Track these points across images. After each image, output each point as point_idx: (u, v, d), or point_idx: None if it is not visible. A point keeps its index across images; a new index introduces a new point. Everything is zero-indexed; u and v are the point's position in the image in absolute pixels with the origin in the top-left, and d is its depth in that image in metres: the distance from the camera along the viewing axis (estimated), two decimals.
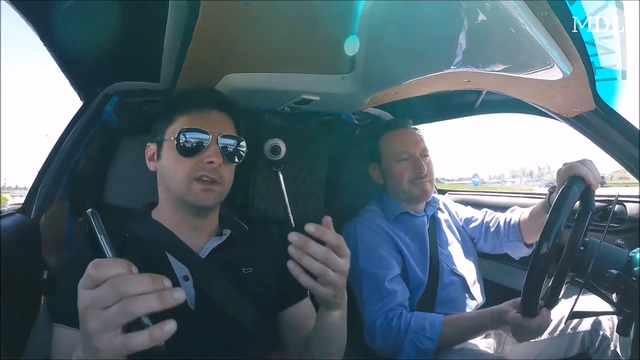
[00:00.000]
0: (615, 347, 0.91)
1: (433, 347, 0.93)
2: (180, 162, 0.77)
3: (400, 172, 1.15)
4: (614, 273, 0.67)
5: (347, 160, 1.45)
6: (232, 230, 0.86)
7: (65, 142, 1.07)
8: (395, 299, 1.01)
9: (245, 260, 0.83)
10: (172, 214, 0.81)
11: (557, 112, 1.01)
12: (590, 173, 0.79)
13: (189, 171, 0.77)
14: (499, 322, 0.87)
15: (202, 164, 0.77)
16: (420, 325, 0.95)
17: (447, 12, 0.66)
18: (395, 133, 1.21)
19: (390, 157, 1.18)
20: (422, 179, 1.13)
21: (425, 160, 1.16)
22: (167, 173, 0.79)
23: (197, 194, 0.77)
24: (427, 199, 1.18)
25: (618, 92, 0.83)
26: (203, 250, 0.80)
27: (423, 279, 1.07)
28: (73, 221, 1.06)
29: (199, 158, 0.77)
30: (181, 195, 0.78)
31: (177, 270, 0.76)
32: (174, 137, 0.77)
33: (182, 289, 0.44)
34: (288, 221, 1.31)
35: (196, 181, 0.77)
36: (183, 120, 0.80)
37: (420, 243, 1.13)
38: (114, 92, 1.10)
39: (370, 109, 1.46)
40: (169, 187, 0.80)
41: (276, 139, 1.27)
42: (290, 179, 1.33)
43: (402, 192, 1.16)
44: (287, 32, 0.79)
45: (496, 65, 0.81)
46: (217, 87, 1.03)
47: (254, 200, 1.29)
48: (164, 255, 0.76)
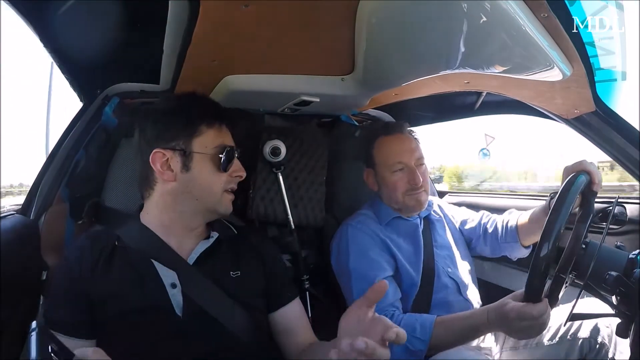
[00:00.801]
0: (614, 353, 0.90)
1: (424, 348, 0.90)
2: (217, 177, 0.81)
3: (395, 183, 1.11)
4: (613, 275, 0.67)
5: (346, 161, 1.45)
6: (219, 233, 0.86)
7: (65, 143, 1.07)
8: (386, 299, 0.98)
9: (233, 264, 0.84)
10: (183, 220, 0.81)
11: (557, 114, 1.01)
12: (597, 171, 0.81)
13: (224, 184, 0.82)
14: (495, 318, 0.83)
15: (231, 177, 0.84)
16: (410, 325, 0.92)
17: (447, 13, 0.66)
18: (390, 139, 1.15)
19: (385, 167, 1.14)
20: (417, 190, 1.10)
21: (421, 170, 1.11)
22: (201, 185, 0.80)
23: (227, 205, 0.84)
24: (421, 209, 1.14)
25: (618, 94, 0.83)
26: (192, 255, 0.80)
27: (416, 280, 1.05)
28: (73, 222, 1.06)
29: (230, 172, 0.83)
30: (213, 206, 0.82)
31: (165, 278, 0.76)
32: (211, 152, 0.80)
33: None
34: (287, 222, 1.30)
35: (226, 193, 0.83)
36: (212, 133, 0.82)
37: (414, 244, 1.11)
38: (113, 93, 1.11)
39: (370, 110, 1.46)
40: (198, 198, 0.81)
41: (276, 140, 1.26)
42: (290, 181, 1.33)
43: (396, 203, 1.13)
44: (287, 34, 0.79)
45: (496, 66, 0.81)
46: (216, 88, 1.03)
47: (254, 201, 1.28)
48: (150, 263, 0.77)
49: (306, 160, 1.35)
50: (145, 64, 0.97)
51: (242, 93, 1.04)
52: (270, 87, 1.03)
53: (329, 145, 1.41)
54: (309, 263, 1.37)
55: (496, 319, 0.83)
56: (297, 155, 1.34)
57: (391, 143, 1.15)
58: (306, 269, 1.33)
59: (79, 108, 1.12)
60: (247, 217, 1.29)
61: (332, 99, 1.10)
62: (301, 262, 1.32)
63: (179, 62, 0.88)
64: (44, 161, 1.08)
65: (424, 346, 0.90)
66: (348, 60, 0.93)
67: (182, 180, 0.80)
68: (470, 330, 0.89)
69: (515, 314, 0.77)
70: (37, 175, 1.06)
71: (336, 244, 1.13)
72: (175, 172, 0.80)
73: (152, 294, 0.74)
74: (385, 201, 1.17)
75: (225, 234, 0.87)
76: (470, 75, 0.93)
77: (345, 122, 1.48)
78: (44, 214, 1.01)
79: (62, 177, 1.06)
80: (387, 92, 1.13)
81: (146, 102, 1.15)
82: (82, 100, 1.12)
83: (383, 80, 1.02)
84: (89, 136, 1.09)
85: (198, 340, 0.73)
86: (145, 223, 0.82)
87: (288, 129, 1.38)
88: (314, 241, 1.40)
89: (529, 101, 1.02)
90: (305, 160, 1.35)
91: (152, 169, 0.80)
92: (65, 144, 1.07)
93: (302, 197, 1.33)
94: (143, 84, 1.10)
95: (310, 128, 1.43)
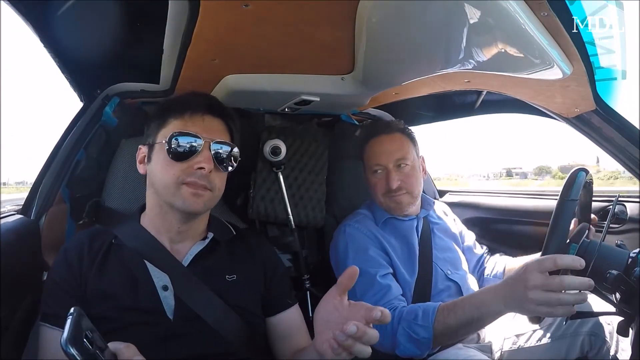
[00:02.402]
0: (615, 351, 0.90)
1: (428, 336, 0.85)
2: (171, 166, 0.76)
3: (374, 185, 1.12)
4: (614, 274, 0.67)
5: (347, 160, 1.45)
6: (215, 234, 0.84)
7: (66, 143, 1.07)
8: (391, 293, 0.98)
9: (229, 266, 0.82)
10: (160, 218, 0.80)
11: (557, 112, 1.01)
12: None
13: (179, 175, 0.75)
14: (506, 289, 0.76)
15: (192, 169, 0.75)
16: (412, 313, 0.89)
17: (447, 12, 0.66)
18: (374, 141, 1.15)
19: (367, 168, 1.15)
20: (395, 193, 1.09)
21: (404, 171, 1.10)
22: (156, 176, 0.78)
23: (186, 199, 0.75)
24: (402, 212, 1.13)
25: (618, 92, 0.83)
26: (187, 257, 0.80)
27: (410, 281, 1.05)
28: (73, 222, 1.06)
29: (190, 163, 0.76)
30: (169, 199, 0.76)
31: (156, 281, 0.75)
32: (166, 140, 0.76)
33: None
34: (288, 222, 1.30)
35: (185, 185, 0.75)
36: (176, 124, 0.78)
37: (408, 245, 1.11)
38: (114, 93, 1.10)
39: (370, 109, 1.46)
40: (157, 191, 0.78)
41: (276, 140, 1.26)
42: (290, 180, 1.33)
43: (379, 204, 1.14)
44: (287, 33, 0.79)
45: (496, 65, 0.81)
46: (217, 88, 1.03)
47: (254, 201, 1.29)
48: (144, 264, 0.76)
49: (306, 160, 1.36)
50: (145, 63, 0.96)
51: (242, 92, 1.04)
52: (270, 87, 1.03)
53: (329, 145, 1.41)
54: (310, 262, 1.37)
55: (507, 290, 0.76)
56: (297, 155, 1.34)
57: (373, 145, 1.15)
58: (307, 268, 1.33)
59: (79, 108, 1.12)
60: (248, 216, 1.30)
61: (332, 98, 1.10)
62: (302, 262, 1.33)
63: (179, 62, 0.88)
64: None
65: (429, 334, 0.86)
66: (348, 60, 0.92)
67: (148, 172, 0.81)
68: (477, 310, 0.81)
69: (530, 281, 0.70)
70: (37, 176, 1.05)
71: (335, 244, 1.13)
72: (144, 165, 0.82)
73: (143, 296, 0.74)
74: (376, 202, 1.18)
75: (223, 235, 0.86)
76: (471, 74, 0.93)
77: (346, 122, 1.48)
78: (45, 214, 1.01)
79: (63, 177, 1.05)
80: (387, 91, 1.13)
81: (146, 101, 1.15)
82: (82, 100, 1.11)
83: (383, 80, 1.02)
84: (89, 136, 1.09)
85: (189, 344, 0.73)
86: (143, 223, 0.82)
87: (288, 129, 1.38)
88: (314, 241, 1.40)
89: (529, 100, 1.02)
90: (305, 159, 1.35)
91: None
92: (65, 144, 1.07)
93: (302, 197, 1.33)
94: (143, 84, 1.10)
95: (310, 127, 1.43)
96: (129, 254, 0.77)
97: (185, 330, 0.73)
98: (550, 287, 0.68)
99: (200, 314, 0.74)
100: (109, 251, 0.77)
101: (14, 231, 0.88)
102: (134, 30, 0.87)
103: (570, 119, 0.99)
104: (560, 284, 0.68)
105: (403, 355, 0.90)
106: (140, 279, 0.75)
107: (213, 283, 0.78)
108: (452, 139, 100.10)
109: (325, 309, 0.60)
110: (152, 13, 0.77)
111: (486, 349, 1.06)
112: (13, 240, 0.84)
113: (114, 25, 0.82)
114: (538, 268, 0.70)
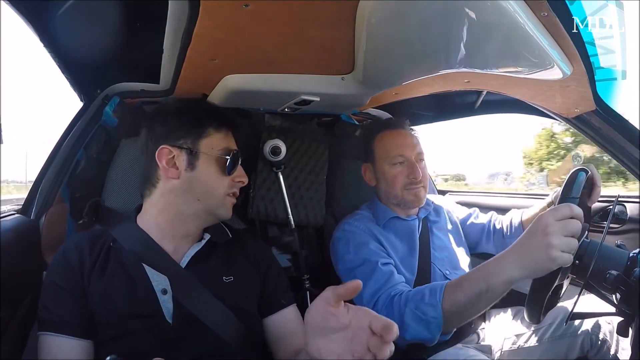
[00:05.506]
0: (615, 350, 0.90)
1: (438, 315, 0.80)
2: (222, 179, 0.82)
3: (394, 177, 1.11)
4: (614, 274, 0.67)
5: (347, 160, 1.45)
6: (211, 235, 0.85)
7: (66, 143, 1.07)
8: (393, 279, 0.96)
9: (226, 268, 0.83)
10: (173, 224, 0.80)
11: (557, 113, 1.01)
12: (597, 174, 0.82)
13: (227, 188, 0.83)
14: (522, 248, 0.71)
15: (234, 182, 0.84)
16: (419, 293, 0.85)
17: (447, 12, 0.65)
18: (391, 133, 1.16)
19: (385, 160, 1.14)
20: (416, 185, 1.10)
21: (421, 165, 1.11)
22: (205, 186, 0.81)
23: (228, 208, 0.84)
24: (419, 205, 1.14)
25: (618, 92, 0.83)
26: (184, 259, 0.80)
27: (409, 281, 1.04)
28: (73, 222, 1.06)
29: (233, 177, 0.84)
30: (213, 208, 0.82)
31: (155, 284, 0.75)
32: (217, 153, 0.81)
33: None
34: (288, 222, 1.30)
35: (229, 197, 0.84)
36: (220, 137, 0.84)
37: (409, 245, 1.10)
38: (113, 93, 1.10)
39: (370, 109, 1.46)
40: (200, 198, 0.81)
41: (276, 139, 1.26)
42: (290, 180, 1.33)
43: (394, 197, 1.13)
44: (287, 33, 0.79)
45: (496, 65, 0.81)
46: (217, 88, 1.03)
47: (254, 201, 1.29)
48: (142, 268, 0.76)
49: (306, 160, 1.36)
50: (145, 63, 0.96)
51: (242, 92, 1.04)
52: (270, 87, 1.03)
53: (329, 145, 1.41)
54: (310, 262, 1.37)
55: (527, 240, 0.70)
56: (297, 155, 1.34)
57: (393, 137, 1.15)
58: (306, 268, 1.33)
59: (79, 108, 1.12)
60: (248, 216, 1.30)
61: (332, 98, 1.10)
62: (302, 262, 1.32)
63: (179, 62, 0.87)
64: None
65: (438, 313, 0.81)
66: (348, 60, 0.92)
67: (185, 178, 0.80)
68: (484, 281, 0.75)
69: (548, 225, 0.66)
70: (37, 175, 1.06)
71: (335, 240, 1.13)
72: (180, 170, 0.80)
73: (142, 300, 0.74)
74: (382, 198, 1.17)
75: (219, 237, 0.86)
76: (471, 75, 0.93)
77: (346, 121, 1.48)
78: (45, 214, 1.01)
79: (62, 177, 1.05)
80: (387, 91, 1.13)
81: (146, 101, 1.15)
82: (82, 100, 1.11)
83: (383, 80, 1.02)
84: (89, 136, 1.09)
85: (189, 347, 0.73)
86: (142, 224, 0.81)
87: (288, 128, 1.38)
88: (314, 240, 1.40)
89: (529, 100, 1.02)
90: (305, 159, 1.35)
91: (156, 166, 0.80)
92: (65, 143, 1.07)
93: (302, 197, 1.33)
94: (143, 84, 1.10)
95: (310, 127, 1.43)
96: (127, 257, 0.77)
97: (184, 333, 0.73)
98: (572, 231, 0.65)
99: (199, 316, 0.74)
100: (109, 255, 0.77)
101: (14, 231, 0.88)
102: (134, 30, 0.88)
103: (571, 119, 0.99)
104: (578, 227, 0.65)
105: (412, 339, 0.85)
106: (139, 283, 0.75)
107: (210, 285, 0.78)
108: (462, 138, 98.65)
109: (320, 314, 0.53)
110: (152, 13, 0.77)
111: (486, 349, 1.06)
112: (13, 240, 0.84)
113: (113, 25, 0.82)
114: (554, 216, 0.67)
